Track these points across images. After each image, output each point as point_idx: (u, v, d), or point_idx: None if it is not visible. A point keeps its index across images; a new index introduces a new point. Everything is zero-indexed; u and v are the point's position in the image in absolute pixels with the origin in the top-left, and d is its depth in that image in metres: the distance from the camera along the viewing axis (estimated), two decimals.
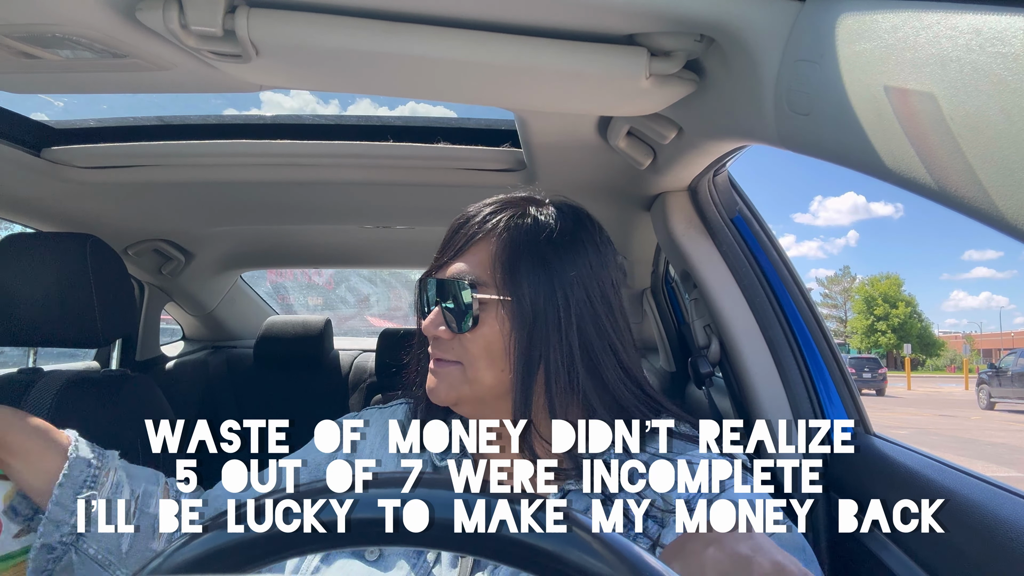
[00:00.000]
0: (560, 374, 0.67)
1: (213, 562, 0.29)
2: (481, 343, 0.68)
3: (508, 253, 0.68)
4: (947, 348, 59.78)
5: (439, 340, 0.71)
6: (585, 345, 0.68)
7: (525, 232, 0.70)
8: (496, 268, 0.68)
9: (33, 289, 1.17)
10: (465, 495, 0.30)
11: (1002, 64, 0.37)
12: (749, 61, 0.66)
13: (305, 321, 2.26)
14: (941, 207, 0.46)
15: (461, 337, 0.69)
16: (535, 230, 0.70)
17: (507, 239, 0.69)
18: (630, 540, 0.31)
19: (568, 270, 0.68)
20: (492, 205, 0.73)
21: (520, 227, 0.70)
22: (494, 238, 0.70)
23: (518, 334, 0.67)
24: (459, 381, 0.69)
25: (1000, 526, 0.62)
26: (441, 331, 0.70)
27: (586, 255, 0.70)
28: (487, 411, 0.70)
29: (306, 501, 0.31)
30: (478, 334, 0.68)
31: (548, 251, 0.69)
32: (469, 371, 0.69)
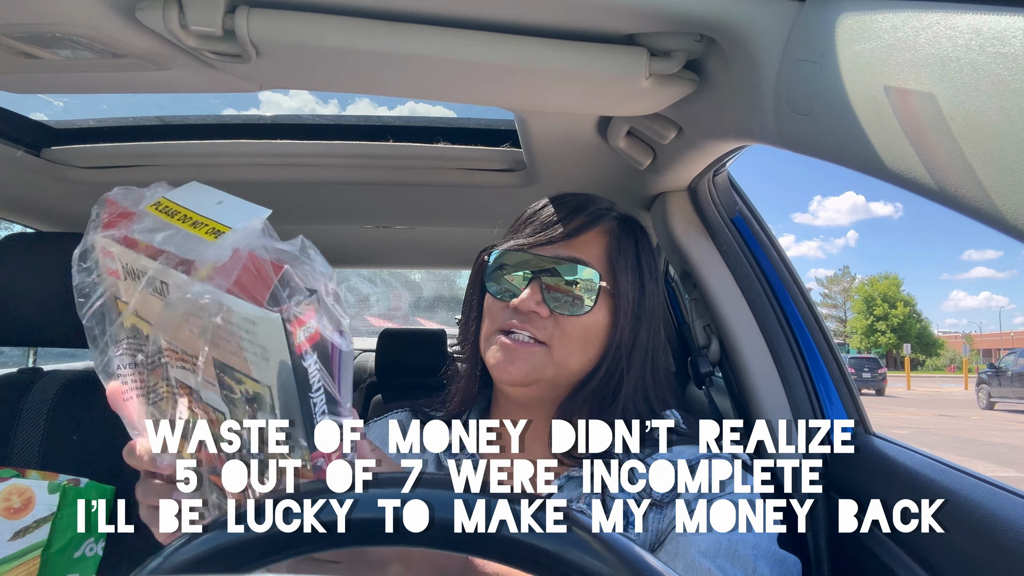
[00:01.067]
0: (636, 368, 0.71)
1: (213, 562, 0.29)
2: (581, 328, 0.70)
3: (617, 251, 0.73)
4: (947, 348, 59.81)
5: (531, 317, 0.70)
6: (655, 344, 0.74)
7: (627, 235, 0.75)
8: (608, 262, 0.72)
9: (33, 289, 1.17)
10: (466, 495, 0.30)
11: (1002, 64, 0.37)
12: (749, 61, 0.66)
13: None
14: (940, 207, 0.46)
15: (560, 319, 0.70)
16: (632, 234, 0.76)
17: (616, 238, 0.74)
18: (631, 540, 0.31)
19: (653, 277, 0.75)
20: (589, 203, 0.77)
21: (623, 230, 0.75)
22: (604, 235, 0.74)
23: (618, 326, 0.71)
24: (543, 362, 0.70)
25: (1000, 526, 0.62)
26: (541, 308, 0.70)
27: (657, 267, 0.77)
28: (551, 394, 0.72)
29: (306, 501, 0.31)
30: (583, 320, 0.70)
31: (642, 257, 0.75)
32: (558, 353, 0.70)
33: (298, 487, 0.32)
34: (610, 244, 0.73)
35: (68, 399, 1.23)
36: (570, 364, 0.70)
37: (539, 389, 0.72)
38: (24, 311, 1.17)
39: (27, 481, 1.00)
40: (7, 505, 0.97)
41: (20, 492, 0.98)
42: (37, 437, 1.19)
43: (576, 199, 0.77)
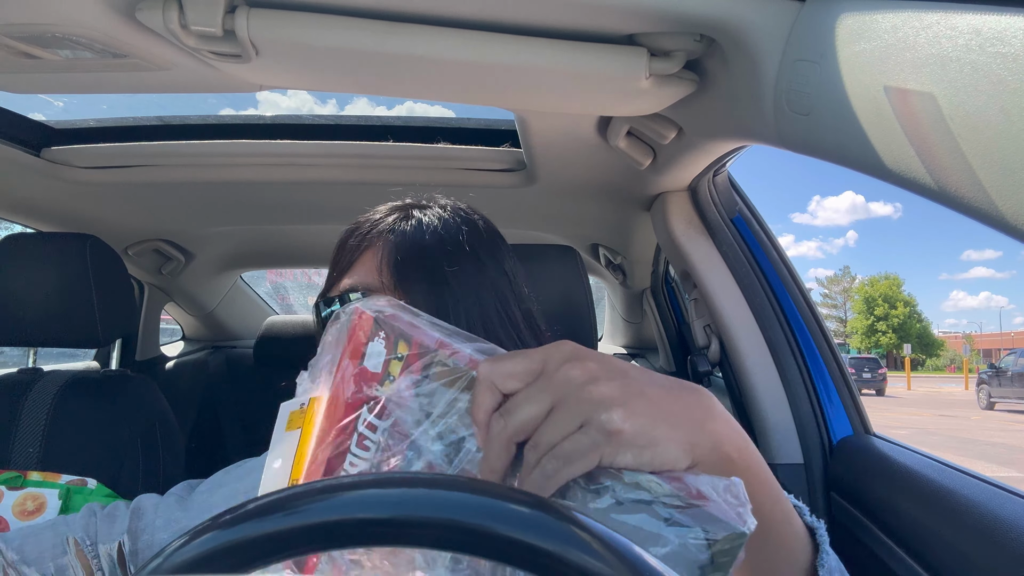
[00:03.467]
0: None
1: (213, 562, 0.29)
2: None
3: (394, 256, 0.66)
4: (947, 348, 59.82)
5: None
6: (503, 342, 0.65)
7: (411, 235, 0.67)
8: (384, 272, 0.66)
9: (33, 289, 1.17)
10: (468, 495, 0.30)
11: (1002, 64, 0.37)
12: (749, 61, 0.66)
13: (305, 321, 2.26)
14: (939, 207, 0.46)
15: None
16: (419, 232, 0.68)
17: (392, 242, 0.67)
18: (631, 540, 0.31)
19: (458, 273, 0.66)
20: (379, 213, 0.72)
21: (405, 230, 0.68)
22: (380, 243, 0.67)
23: None
24: None
25: (1000, 526, 0.62)
26: None
27: (476, 258, 0.68)
28: None
29: (308, 501, 0.31)
30: None
31: (435, 253, 0.67)
32: None
33: (301, 486, 0.32)
34: (385, 255, 0.67)
35: (68, 399, 1.23)
36: None
37: None
38: (24, 311, 1.17)
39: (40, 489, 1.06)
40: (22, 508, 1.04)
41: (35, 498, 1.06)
42: (37, 437, 1.19)
43: (353, 226, 0.71)
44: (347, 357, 0.44)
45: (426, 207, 0.72)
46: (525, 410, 0.38)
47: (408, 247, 0.66)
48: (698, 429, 0.38)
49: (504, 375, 0.39)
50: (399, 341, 0.43)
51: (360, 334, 0.44)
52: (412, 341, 0.42)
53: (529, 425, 0.38)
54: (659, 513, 0.34)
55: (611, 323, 2.48)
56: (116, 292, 1.26)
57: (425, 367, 0.41)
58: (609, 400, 0.37)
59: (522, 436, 0.38)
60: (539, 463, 0.37)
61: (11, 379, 1.26)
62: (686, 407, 0.39)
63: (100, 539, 0.74)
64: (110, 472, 1.18)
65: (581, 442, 0.36)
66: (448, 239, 0.68)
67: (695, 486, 0.35)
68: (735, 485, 0.35)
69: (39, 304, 1.17)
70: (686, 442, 0.37)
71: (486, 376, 0.39)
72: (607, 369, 0.39)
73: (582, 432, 0.36)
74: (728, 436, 0.39)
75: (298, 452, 0.45)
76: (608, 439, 0.36)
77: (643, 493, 0.35)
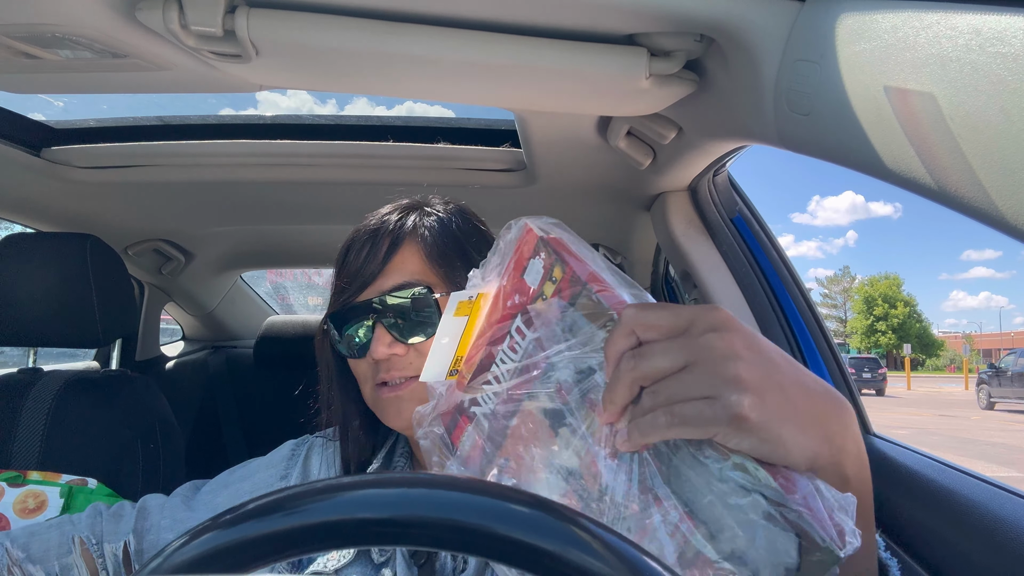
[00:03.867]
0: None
1: (213, 562, 0.29)
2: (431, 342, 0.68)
3: (437, 249, 0.69)
4: (947, 348, 59.82)
5: (391, 360, 0.67)
6: None
7: (440, 229, 0.71)
8: (433, 267, 0.68)
9: (33, 289, 1.17)
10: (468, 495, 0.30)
11: (1002, 64, 0.37)
12: (749, 61, 0.66)
13: (305, 321, 2.26)
14: (939, 207, 0.46)
15: (420, 347, 0.67)
16: (446, 224, 0.71)
17: (428, 237, 0.70)
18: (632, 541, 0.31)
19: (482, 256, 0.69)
20: (395, 211, 0.73)
21: (433, 226, 0.71)
22: (417, 243, 0.69)
23: None
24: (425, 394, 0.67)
25: (1000, 526, 0.62)
26: (396, 348, 0.67)
27: (485, 242, 0.73)
28: None
29: (308, 501, 0.31)
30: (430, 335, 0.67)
31: (463, 241, 0.71)
32: None
33: (303, 485, 0.32)
34: (426, 249, 0.69)
35: (68, 399, 1.23)
36: None
37: None
38: (24, 311, 1.17)
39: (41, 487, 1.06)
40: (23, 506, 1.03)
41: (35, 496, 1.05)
42: (37, 437, 1.19)
43: (373, 227, 0.72)
44: (512, 267, 0.49)
45: (433, 203, 0.75)
46: (658, 360, 0.37)
47: (444, 239, 0.70)
48: (827, 441, 0.37)
49: (647, 324, 0.39)
50: (556, 265, 0.45)
51: (525, 249, 0.48)
52: (567, 268, 0.45)
53: (658, 374, 0.37)
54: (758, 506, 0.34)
55: None
56: (116, 292, 1.26)
57: (573, 296, 0.44)
58: (744, 383, 0.36)
59: (648, 382, 0.38)
60: (653, 410, 0.37)
61: (11, 379, 1.26)
62: (822, 415, 0.38)
63: (106, 538, 0.74)
64: (110, 472, 1.18)
65: (702, 411, 0.35)
66: (467, 227, 0.72)
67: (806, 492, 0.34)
68: (849, 503, 0.35)
69: (39, 304, 1.17)
70: (811, 450, 0.36)
71: (629, 320, 0.39)
72: (751, 350, 0.38)
73: (707, 403, 0.36)
74: (854, 456, 0.38)
75: (464, 335, 0.50)
76: (730, 421, 0.35)
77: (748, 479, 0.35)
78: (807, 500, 0.34)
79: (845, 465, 0.38)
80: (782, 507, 0.34)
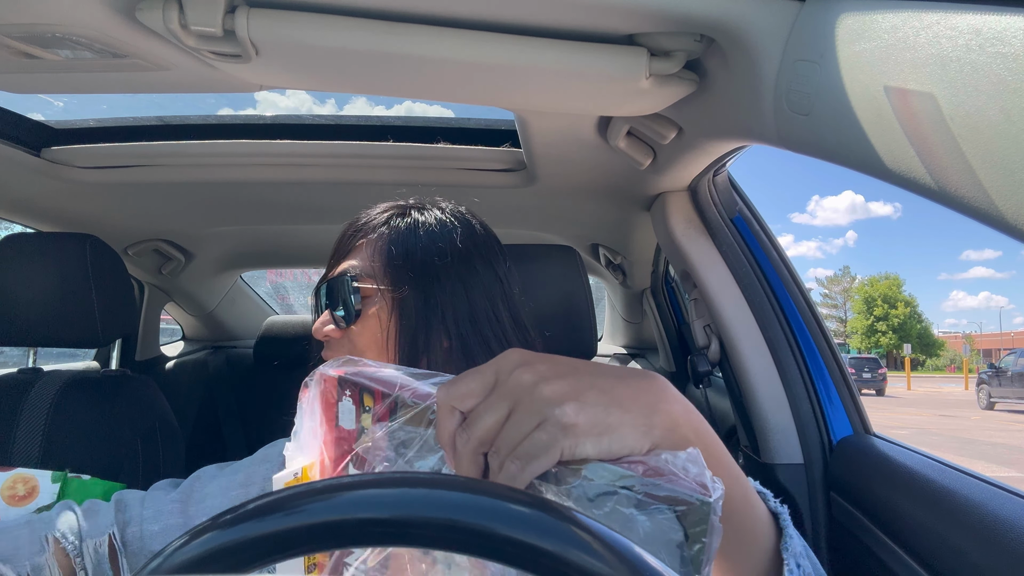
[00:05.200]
0: (442, 365, 0.68)
1: (213, 562, 0.29)
2: (368, 335, 0.70)
3: (387, 247, 0.71)
4: (947, 348, 59.82)
5: (330, 342, 0.72)
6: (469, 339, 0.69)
7: (404, 230, 0.72)
8: (376, 260, 0.71)
9: (33, 289, 1.17)
10: (468, 495, 0.30)
11: (1002, 64, 0.37)
12: (749, 61, 0.66)
13: (305, 321, 2.26)
14: (939, 207, 0.46)
15: (349, 332, 0.70)
16: (413, 228, 0.72)
17: (386, 234, 0.72)
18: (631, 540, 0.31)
19: (448, 271, 0.70)
20: (379, 209, 0.76)
21: (399, 226, 0.73)
22: (375, 235, 0.72)
23: (401, 323, 0.69)
24: None
25: (1000, 526, 0.62)
26: (329, 330, 0.71)
27: (467, 260, 0.72)
28: None
29: (308, 501, 0.31)
30: (364, 326, 0.70)
31: (426, 250, 0.71)
32: None
33: (303, 485, 0.32)
34: (379, 244, 0.71)
35: (68, 399, 1.23)
36: None
37: None
38: (24, 311, 1.17)
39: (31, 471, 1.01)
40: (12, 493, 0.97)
41: (25, 480, 0.99)
42: (37, 437, 1.19)
43: (353, 220, 0.76)
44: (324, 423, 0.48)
45: (424, 208, 0.76)
46: (484, 420, 0.38)
47: (401, 241, 0.71)
48: (652, 411, 0.39)
49: (460, 395, 0.40)
50: (363, 394, 0.45)
51: (329, 396, 0.48)
52: (375, 391, 0.45)
53: (490, 434, 0.38)
54: (628, 500, 0.35)
55: (611, 323, 2.48)
56: (116, 292, 1.26)
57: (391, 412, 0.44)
58: (561, 396, 0.38)
59: (486, 446, 0.39)
60: (502, 466, 0.38)
61: (11, 379, 1.26)
62: (637, 391, 0.40)
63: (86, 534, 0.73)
64: (110, 472, 1.18)
65: (540, 439, 0.37)
66: (441, 239, 0.72)
67: (656, 465, 0.36)
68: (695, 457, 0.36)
69: (39, 304, 1.17)
70: (642, 424, 0.38)
71: (444, 400, 0.40)
72: (556, 368, 0.40)
73: (540, 430, 0.37)
74: (683, 416, 0.40)
75: None
76: (565, 433, 0.37)
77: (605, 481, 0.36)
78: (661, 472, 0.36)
79: (680, 426, 0.40)
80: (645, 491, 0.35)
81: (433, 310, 0.69)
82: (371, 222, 0.74)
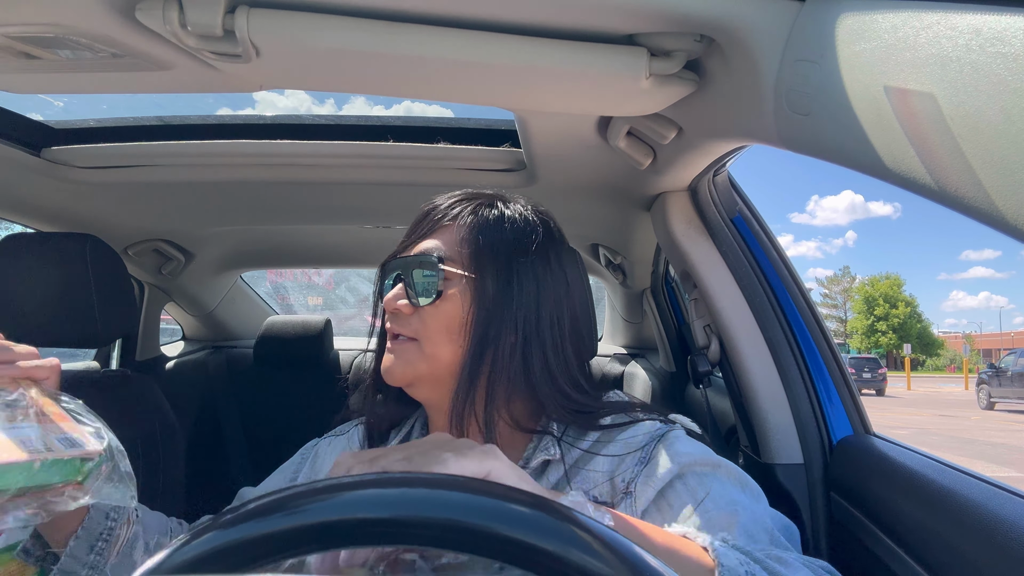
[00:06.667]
0: (506, 359, 0.69)
1: (213, 562, 0.29)
2: (442, 318, 0.70)
3: (473, 236, 0.72)
4: (947, 348, 59.81)
5: (398, 316, 0.72)
6: (531, 338, 0.70)
7: (491, 221, 0.73)
8: (462, 247, 0.71)
9: (33, 289, 1.17)
10: (469, 495, 0.30)
11: (1002, 64, 0.37)
12: (749, 61, 0.66)
13: (305, 321, 2.26)
14: (939, 207, 0.46)
15: (421, 311, 0.71)
16: (500, 221, 0.73)
17: (474, 223, 0.73)
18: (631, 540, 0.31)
19: (526, 267, 0.71)
20: (460, 196, 0.77)
21: (487, 216, 0.74)
22: (462, 223, 0.73)
23: (477, 311, 0.69)
24: (416, 358, 0.70)
25: (1000, 526, 0.62)
26: (401, 304, 0.71)
27: (545, 257, 0.74)
28: (441, 392, 0.71)
29: (308, 500, 0.31)
30: (440, 308, 0.70)
31: (513, 240, 0.72)
32: (426, 346, 0.70)
33: (302, 486, 0.32)
34: (467, 232, 0.72)
35: None
36: (440, 356, 0.70)
37: (428, 387, 0.72)
38: (24, 311, 1.17)
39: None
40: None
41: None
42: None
43: (450, 195, 0.77)
44: None
45: (508, 201, 0.77)
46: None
47: (489, 232, 0.72)
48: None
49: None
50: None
51: None
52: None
53: None
54: None
55: (611, 323, 2.48)
56: (116, 292, 1.26)
57: None
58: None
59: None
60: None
61: None
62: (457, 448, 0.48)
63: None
64: None
65: None
66: (525, 235, 0.73)
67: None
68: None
69: (39, 304, 1.17)
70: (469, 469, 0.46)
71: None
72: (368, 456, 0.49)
73: None
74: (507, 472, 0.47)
75: None
76: None
77: None
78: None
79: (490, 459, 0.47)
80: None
81: (508, 304, 0.70)
82: (455, 208, 0.75)
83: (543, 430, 0.71)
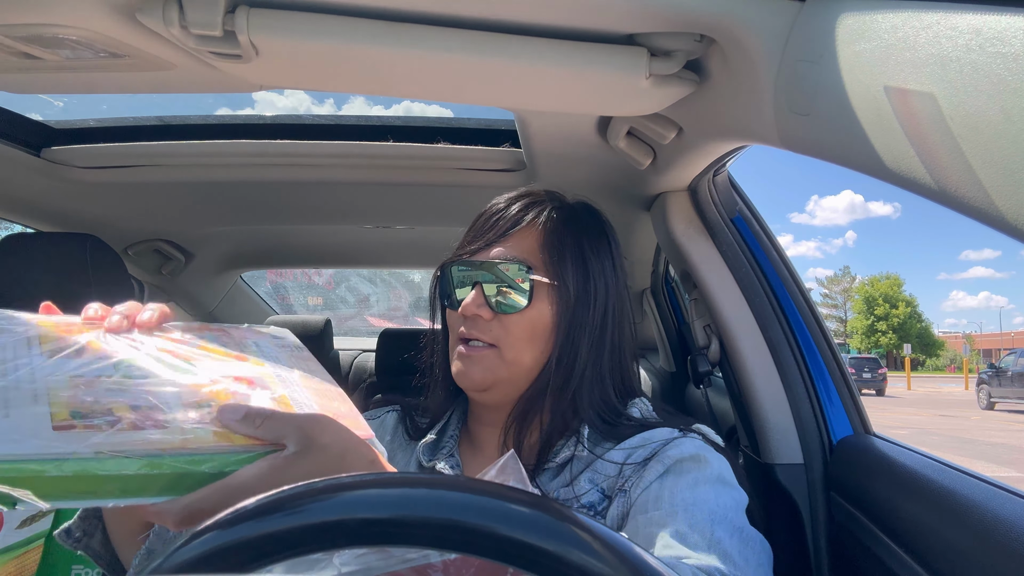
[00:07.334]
0: (583, 362, 0.70)
1: (213, 562, 0.29)
2: (525, 325, 0.70)
3: (553, 241, 0.72)
4: (947, 348, 59.81)
5: (476, 321, 0.71)
6: (599, 339, 0.72)
7: (564, 223, 0.74)
8: (543, 254, 0.72)
9: (33, 289, 1.17)
10: (469, 495, 0.30)
11: (1002, 64, 0.37)
12: (749, 61, 0.66)
13: (305, 321, 2.26)
14: (938, 207, 0.46)
15: (503, 318, 0.71)
16: (572, 222, 0.75)
17: (551, 228, 0.73)
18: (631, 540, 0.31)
19: (600, 262, 0.73)
20: (525, 197, 0.77)
21: (559, 219, 0.74)
22: (538, 227, 0.73)
23: (560, 317, 0.70)
24: (496, 364, 0.70)
25: (1000, 526, 0.62)
26: (483, 311, 0.71)
27: (609, 251, 0.76)
28: (511, 394, 0.72)
29: (309, 500, 0.31)
30: (524, 315, 0.70)
31: (584, 243, 0.73)
32: (508, 353, 0.70)
33: (302, 486, 0.32)
34: (544, 236, 0.73)
35: None
36: (522, 361, 0.70)
37: (501, 391, 0.72)
38: (24, 311, 1.16)
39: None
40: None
41: None
42: None
43: (512, 197, 0.77)
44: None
45: (564, 198, 0.78)
46: None
47: (567, 236, 0.73)
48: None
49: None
50: None
51: None
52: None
53: None
54: None
55: None
56: (116, 292, 1.26)
57: None
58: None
59: None
60: None
61: None
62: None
63: None
64: None
65: None
66: (595, 236, 0.75)
67: None
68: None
69: (39, 304, 1.17)
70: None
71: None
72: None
73: None
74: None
75: None
76: None
77: None
78: None
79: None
80: None
81: (586, 307, 0.71)
82: (528, 212, 0.74)
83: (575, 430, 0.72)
